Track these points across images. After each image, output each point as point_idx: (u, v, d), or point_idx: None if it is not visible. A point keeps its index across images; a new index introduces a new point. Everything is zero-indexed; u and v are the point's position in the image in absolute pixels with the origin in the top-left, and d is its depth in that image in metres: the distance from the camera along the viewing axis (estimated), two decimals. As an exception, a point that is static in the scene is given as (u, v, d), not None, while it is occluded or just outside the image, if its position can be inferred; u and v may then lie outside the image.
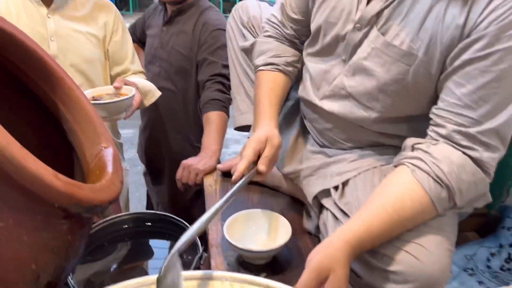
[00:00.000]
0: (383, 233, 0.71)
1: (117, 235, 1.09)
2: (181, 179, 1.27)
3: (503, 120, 0.71)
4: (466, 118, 0.72)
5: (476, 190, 0.75)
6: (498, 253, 0.93)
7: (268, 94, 0.99)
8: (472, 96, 0.71)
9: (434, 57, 0.75)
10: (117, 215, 1.09)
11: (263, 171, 0.85)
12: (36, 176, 0.54)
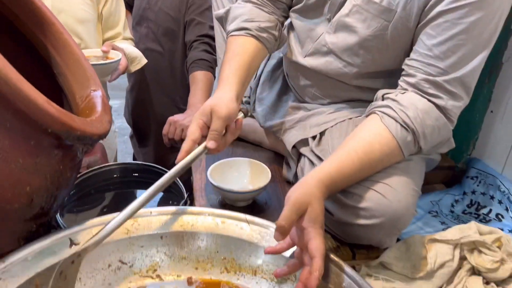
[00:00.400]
0: (353, 173, 0.77)
1: (105, 184, 1.14)
2: (167, 135, 1.31)
3: (468, 70, 0.77)
4: (434, 68, 0.78)
5: (439, 135, 0.81)
6: (461, 200, 1.00)
7: (232, 59, 0.90)
8: (442, 47, 0.77)
9: (412, 12, 0.80)
10: (105, 164, 1.14)
11: (212, 147, 0.78)
12: (30, 99, 0.58)
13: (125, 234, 0.77)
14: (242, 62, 0.89)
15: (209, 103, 0.80)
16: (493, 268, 0.77)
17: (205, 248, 0.80)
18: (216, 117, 0.78)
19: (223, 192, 0.93)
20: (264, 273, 0.77)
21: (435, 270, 0.80)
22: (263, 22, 0.96)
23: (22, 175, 0.62)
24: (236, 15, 0.98)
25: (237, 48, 0.92)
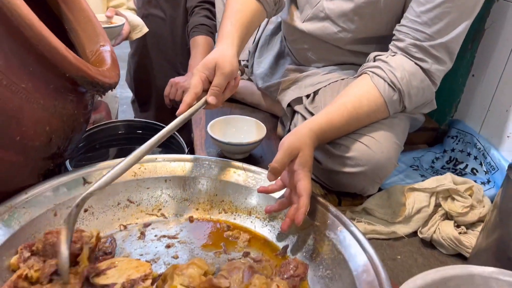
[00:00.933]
0: (341, 125, 0.84)
1: (110, 139, 1.21)
2: (168, 96, 1.38)
3: (452, 36, 0.83)
4: (422, 34, 0.84)
5: (423, 96, 0.88)
6: (441, 157, 1.08)
7: (234, 15, 0.90)
8: (429, 14, 0.83)
9: None
10: (110, 121, 1.21)
11: (212, 103, 0.81)
12: (52, 45, 0.64)
13: (132, 176, 0.85)
14: (243, 20, 0.90)
15: (212, 56, 0.81)
16: (463, 213, 0.86)
17: (205, 191, 0.88)
18: (219, 73, 0.80)
19: (222, 145, 1.00)
20: (258, 213, 0.85)
21: (412, 215, 0.89)
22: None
23: (43, 115, 0.69)
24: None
25: (238, 5, 0.92)
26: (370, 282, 0.65)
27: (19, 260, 0.64)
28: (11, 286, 0.58)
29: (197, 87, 0.80)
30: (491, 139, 1.02)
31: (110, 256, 0.71)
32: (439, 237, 0.85)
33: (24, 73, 0.65)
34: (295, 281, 0.70)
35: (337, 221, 0.76)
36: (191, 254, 0.76)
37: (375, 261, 0.67)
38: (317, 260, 0.75)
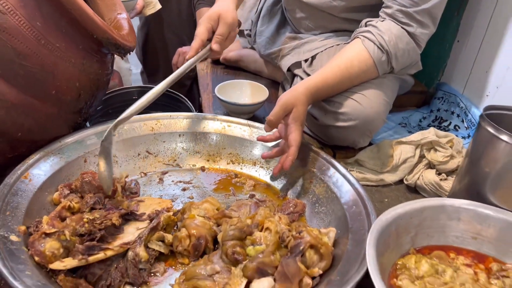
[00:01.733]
0: (335, 84, 0.94)
1: (124, 104, 1.31)
2: (176, 64, 1.47)
3: (435, 2, 0.92)
4: (407, 0, 0.93)
5: (409, 57, 0.97)
6: (428, 116, 1.19)
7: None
8: None
9: None
10: (126, 86, 1.31)
11: (216, 50, 0.90)
12: (83, 9, 0.74)
13: (150, 131, 0.96)
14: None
15: (215, 9, 0.91)
16: (444, 161, 0.96)
17: (215, 144, 0.99)
18: (223, 23, 0.90)
19: (228, 105, 1.10)
20: (261, 163, 0.96)
21: (399, 165, 1.00)
22: None
23: (73, 72, 0.80)
24: None
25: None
26: (358, 213, 0.76)
27: (60, 196, 0.75)
28: (56, 215, 0.70)
29: (203, 34, 0.90)
30: (473, 99, 1.12)
31: (136, 195, 0.83)
32: (422, 183, 0.96)
33: (58, 34, 0.75)
34: (295, 216, 0.82)
35: (330, 166, 0.87)
36: (204, 196, 0.87)
37: (363, 196, 0.78)
38: (314, 199, 0.86)
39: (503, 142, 0.75)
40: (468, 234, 0.75)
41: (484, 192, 0.80)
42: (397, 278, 0.67)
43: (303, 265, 0.65)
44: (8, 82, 0.71)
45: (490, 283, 0.68)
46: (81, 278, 0.62)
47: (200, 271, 0.63)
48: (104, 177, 0.74)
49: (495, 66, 1.05)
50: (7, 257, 0.56)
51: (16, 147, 0.77)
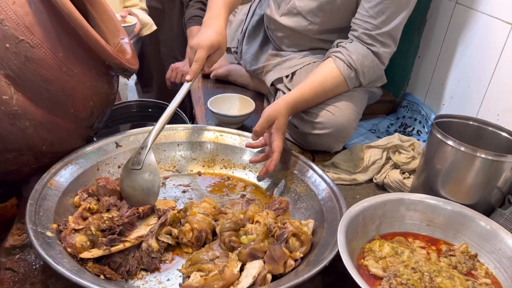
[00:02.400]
0: (311, 98, 1.09)
1: (126, 115, 1.45)
2: (169, 79, 1.61)
3: (394, 25, 1.08)
4: (370, 24, 1.09)
5: (374, 73, 1.13)
6: (395, 123, 1.35)
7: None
8: (374, 9, 1.07)
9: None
10: (127, 100, 1.44)
11: (207, 72, 1.08)
12: (97, 40, 0.87)
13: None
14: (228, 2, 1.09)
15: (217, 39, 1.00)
16: (407, 162, 1.12)
17: (209, 152, 1.13)
18: (219, 53, 1.03)
19: (220, 117, 1.25)
20: (250, 167, 1.11)
21: (369, 166, 1.15)
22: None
23: (88, 93, 0.93)
24: None
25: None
26: (333, 207, 0.91)
27: (80, 199, 0.88)
28: (78, 215, 0.83)
29: (204, 60, 1.02)
30: (432, 107, 1.29)
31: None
32: (389, 181, 1.12)
33: (76, 62, 0.88)
34: (280, 212, 0.96)
35: (309, 169, 1.02)
36: (202, 197, 1.01)
37: (336, 193, 0.93)
38: (296, 197, 1.01)
39: (449, 146, 0.91)
40: (423, 222, 0.90)
41: (436, 187, 0.96)
42: (364, 259, 0.82)
43: (287, 250, 0.79)
44: (36, 104, 0.84)
45: (439, 261, 0.84)
46: (105, 265, 0.75)
47: (203, 256, 0.77)
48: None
49: (449, 79, 1.22)
50: (48, 248, 0.69)
51: (40, 159, 0.90)
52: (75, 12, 0.83)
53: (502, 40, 1.02)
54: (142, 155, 0.91)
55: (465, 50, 1.16)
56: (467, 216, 0.87)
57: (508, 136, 0.95)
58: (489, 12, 1.07)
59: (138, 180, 0.89)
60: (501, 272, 0.81)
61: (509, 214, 0.88)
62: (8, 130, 0.82)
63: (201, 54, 1.00)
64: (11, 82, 0.81)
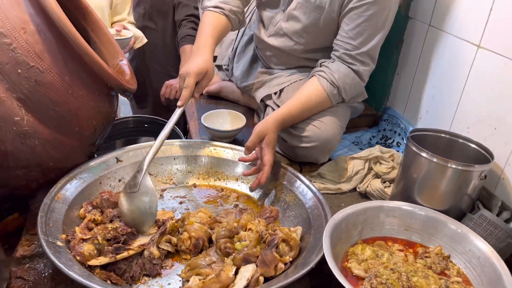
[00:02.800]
0: (298, 114, 1.18)
1: (124, 131, 1.52)
2: (164, 95, 1.69)
3: (371, 46, 1.18)
4: (350, 45, 1.19)
5: (355, 89, 1.23)
6: (376, 135, 1.45)
7: (213, 30, 1.18)
8: (353, 31, 1.17)
9: (335, 7, 1.20)
10: (124, 116, 1.51)
11: (197, 98, 1.16)
12: (100, 64, 0.95)
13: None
14: (217, 33, 1.20)
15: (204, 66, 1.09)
16: (387, 172, 1.21)
17: (204, 165, 1.20)
18: (207, 79, 1.11)
19: (213, 132, 1.33)
20: (242, 179, 1.18)
21: (352, 176, 1.24)
22: (234, 7, 1.26)
23: (91, 113, 1.00)
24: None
25: (213, 20, 1.21)
26: (319, 215, 0.99)
27: (85, 212, 0.95)
28: (84, 226, 0.90)
29: (193, 87, 1.10)
30: (410, 120, 1.39)
31: None
32: (371, 190, 1.20)
33: (81, 84, 0.96)
34: (270, 220, 1.04)
35: (297, 179, 1.11)
36: (198, 207, 1.08)
37: (322, 202, 1.01)
38: (285, 206, 1.09)
39: (423, 158, 1.00)
40: (401, 227, 0.99)
41: (413, 194, 1.04)
42: (348, 261, 0.90)
43: (278, 254, 0.87)
44: (44, 124, 0.91)
45: (416, 262, 0.93)
46: (111, 272, 0.82)
47: (201, 262, 0.84)
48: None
49: (424, 94, 1.32)
50: (59, 256, 0.76)
51: (47, 174, 0.97)
52: (81, 39, 0.91)
53: (470, 60, 1.13)
54: (138, 178, 0.96)
55: (437, 68, 1.27)
56: (440, 221, 0.96)
57: (476, 147, 1.05)
58: (457, 34, 1.18)
59: (136, 203, 0.94)
60: (471, 271, 0.90)
61: (477, 219, 0.97)
62: (19, 149, 0.89)
63: (190, 81, 1.07)
64: (22, 105, 0.88)
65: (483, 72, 1.09)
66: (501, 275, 0.83)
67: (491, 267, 0.86)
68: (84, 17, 1.19)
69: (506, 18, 1.02)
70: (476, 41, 1.11)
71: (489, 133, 1.08)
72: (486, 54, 1.08)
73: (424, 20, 1.31)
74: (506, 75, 1.02)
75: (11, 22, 0.87)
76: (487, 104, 1.08)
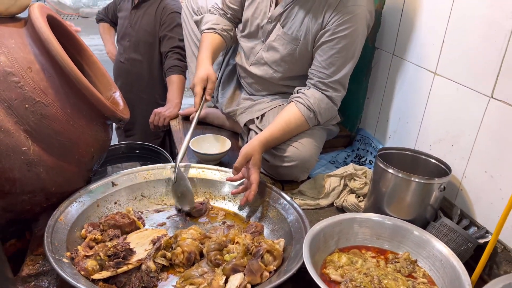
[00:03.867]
0: (279, 136, 1.30)
1: (116, 157, 1.61)
2: (153, 122, 1.79)
3: (343, 74, 1.32)
4: (323, 74, 1.32)
5: (329, 113, 1.36)
6: (351, 154, 1.58)
7: (209, 46, 1.44)
8: (326, 62, 1.31)
9: (309, 40, 1.34)
10: (116, 143, 1.61)
11: (209, 100, 1.35)
12: (98, 98, 1.05)
13: (143, 179, 1.26)
14: (213, 48, 1.45)
15: (203, 72, 1.33)
16: (360, 187, 1.33)
17: (192, 186, 1.30)
18: (211, 81, 1.33)
19: (200, 155, 1.43)
20: (229, 198, 1.29)
21: (330, 192, 1.35)
22: (225, 26, 1.51)
23: (90, 141, 1.10)
24: (208, 20, 1.53)
25: (209, 38, 1.48)
26: (299, 228, 1.10)
27: (86, 232, 1.04)
28: (86, 244, 0.98)
29: (201, 92, 1.33)
30: (380, 140, 1.52)
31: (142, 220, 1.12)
32: (347, 205, 1.32)
33: (81, 115, 1.06)
34: (256, 234, 1.14)
35: (280, 197, 1.21)
36: (189, 225, 1.18)
37: (302, 216, 1.12)
38: (269, 221, 1.19)
39: (390, 173, 1.13)
40: (373, 236, 1.10)
41: (383, 207, 1.16)
42: (326, 268, 1.00)
43: (263, 264, 0.97)
44: (48, 152, 1.00)
45: (386, 267, 1.04)
46: (113, 285, 0.90)
47: (194, 273, 0.94)
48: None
49: (392, 116, 1.46)
50: (66, 272, 0.85)
51: (50, 198, 1.05)
52: (81, 76, 1.02)
53: (428, 85, 1.27)
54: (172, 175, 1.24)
55: (401, 93, 1.41)
56: (407, 229, 1.08)
57: (436, 162, 1.18)
58: (417, 62, 1.33)
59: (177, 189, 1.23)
60: (435, 273, 1.01)
61: (439, 226, 1.09)
62: (25, 176, 0.97)
63: (198, 89, 1.31)
64: (29, 136, 0.97)
65: (440, 96, 1.24)
66: (459, 275, 0.94)
67: (451, 268, 0.97)
68: (79, 53, 1.30)
69: (455, 49, 1.17)
70: (433, 68, 1.26)
71: (448, 150, 1.21)
72: (441, 80, 1.22)
73: (389, 50, 1.46)
74: (458, 99, 1.16)
75: (18, 63, 0.97)
76: (445, 124, 1.22)
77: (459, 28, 1.15)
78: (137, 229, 1.11)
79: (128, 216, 1.07)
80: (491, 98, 1.06)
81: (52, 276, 0.96)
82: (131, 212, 1.10)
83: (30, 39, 1.02)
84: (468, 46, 1.12)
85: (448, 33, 1.19)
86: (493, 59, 1.04)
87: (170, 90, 1.89)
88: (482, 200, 1.11)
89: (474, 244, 1.06)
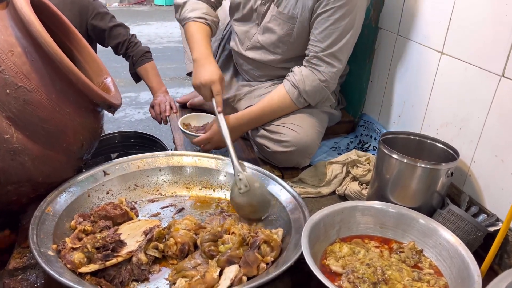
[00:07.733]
0: (258, 115, 1.28)
1: (111, 146, 1.56)
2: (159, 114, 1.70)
3: (338, 47, 1.25)
4: (317, 48, 1.26)
5: (318, 92, 1.29)
6: (354, 141, 1.52)
7: (206, 39, 1.33)
8: (321, 34, 1.25)
9: (306, 17, 1.28)
10: (110, 132, 1.56)
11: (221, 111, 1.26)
12: (86, 83, 1.00)
13: (137, 168, 1.22)
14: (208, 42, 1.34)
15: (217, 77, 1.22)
16: (363, 174, 1.28)
17: (189, 175, 1.25)
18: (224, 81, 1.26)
19: (190, 136, 1.37)
20: (226, 187, 1.23)
21: (331, 180, 1.30)
22: (214, 17, 1.40)
23: (78, 129, 1.05)
24: (196, 7, 1.37)
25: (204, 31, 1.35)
26: (298, 217, 1.04)
27: (76, 223, 0.99)
28: (75, 236, 0.94)
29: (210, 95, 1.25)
30: (384, 125, 1.46)
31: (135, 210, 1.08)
32: (349, 192, 1.26)
33: (67, 102, 1.01)
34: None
35: (279, 185, 1.16)
36: (184, 215, 1.13)
37: (302, 205, 1.06)
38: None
39: (394, 159, 1.07)
40: (377, 225, 1.05)
41: (386, 194, 1.11)
42: (326, 259, 0.95)
43: (259, 255, 0.92)
44: (33, 140, 0.96)
45: (391, 257, 0.98)
46: (101, 278, 0.86)
47: (187, 265, 0.89)
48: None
49: (396, 100, 1.40)
50: (51, 265, 0.80)
51: (37, 189, 1.01)
52: (66, 59, 0.96)
53: (435, 65, 1.20)
54: (243, 180, 1.11)
55: (407, 75, 1.34)
56: (412, 218, 1.02)
57: (443, 147, 1.12)
58: (422, 42, 1.26)
59: (252, 197, 1.10)
60: (442, 263, 0.96)
61: (446, 213, 1.03)
62: (9, 165, 0.93)
63: (218, 87, 1.22)
64: (11, 123, 0.92)
65: (447, 77, 1.17)
66: (468, 265, 0.88)
67: (459, 258, 0.91)
68: (68, 38, 1.24)
69: (463, 26, 1.10)
70: (439, 47, 1.19)
71: (455, 133, 1.15)
72: (448, 60, 1.16)
73: (393, 30, 1.39)
74: (466, 79, 1.09)
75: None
76: (452, 106, 1.15)
77: (468, 3, 1.08)
78: (130, 220, 1.06)
79: (120, 207, 1.02)
80: (502, 77, 0.99)
81: (39, 270, 0.91)
82: (123, 202, 1.06)
83: (12, 21, 0.96)
84: (477, 22, 1.05)
85: (456, 10, 1.12)
86: (504, 35, 0.97)
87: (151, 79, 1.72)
88: (492, 186, 1.05)
89: (483, 232, 1.00)
